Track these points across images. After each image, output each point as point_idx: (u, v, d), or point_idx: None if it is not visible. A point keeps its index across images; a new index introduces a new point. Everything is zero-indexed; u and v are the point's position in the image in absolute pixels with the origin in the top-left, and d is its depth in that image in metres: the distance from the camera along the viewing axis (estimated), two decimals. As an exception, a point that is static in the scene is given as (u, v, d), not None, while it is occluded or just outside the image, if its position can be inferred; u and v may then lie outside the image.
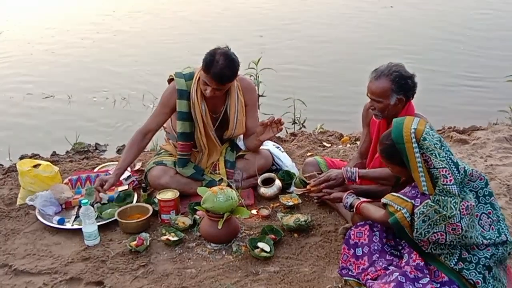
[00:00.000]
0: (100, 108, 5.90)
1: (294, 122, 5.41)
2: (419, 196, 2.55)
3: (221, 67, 3.25)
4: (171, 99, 3.51)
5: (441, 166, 2.47)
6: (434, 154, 2.48)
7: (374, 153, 3.19)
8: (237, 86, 3.56)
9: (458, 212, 2.45)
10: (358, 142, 4.44)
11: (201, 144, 3.59)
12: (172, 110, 3.53)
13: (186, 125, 3.53)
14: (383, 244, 2.77)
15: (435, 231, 2.50)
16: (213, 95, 3.38)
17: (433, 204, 2.47)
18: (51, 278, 2.86)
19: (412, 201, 2.55)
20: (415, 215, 2.52)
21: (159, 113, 3.56)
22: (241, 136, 3.79)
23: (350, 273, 2.78)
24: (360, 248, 2.78)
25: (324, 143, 4.65)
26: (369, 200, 2.96)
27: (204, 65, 3.29)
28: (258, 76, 5.58)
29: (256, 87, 3.86)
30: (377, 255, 2.73)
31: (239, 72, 3.46)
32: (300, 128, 5.29)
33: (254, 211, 3.43)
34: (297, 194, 3.49)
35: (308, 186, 3.23)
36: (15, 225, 3.35)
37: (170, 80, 3.59)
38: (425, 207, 2.49)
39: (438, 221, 2.47)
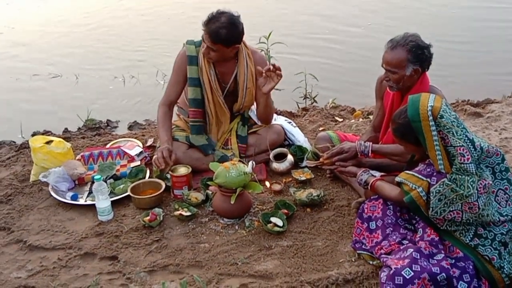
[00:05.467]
0: (109, 88, 5.86)
1: (305, 97, 5.36)
2: (435, 174, 2.51)
3: (219, 25, 3.25)
4: (182, 66, 3.51)
5: (458, 145, 2.42)
6: (451, 132, 2.43)
7: (387, 126, 3.15)
8: (247, 54, 3.53)
9: (476, 191, 2.42)
10: (370, 117, 4.40)
11: (209, 112, 3.58)
12: (185, 77, 3.52)
13: (197, 91, 3.52)
14: (397, 218, 2.75)
15: (451, 209, 2.47)
16: (208, 55, 3.38)
17: (449, 183, 2.44)
18: (66, 253, 2.88)
19: (428, 179, 2.51)
20: (431, 194, 2.49)
21: (175, 82, 3.57)
22: (254, 108, 3.77)
23: (363, 246, 2.77)
24: (374, 222, 2.77)
25: (336, 118, 4.61)
26: (383, 175, 2.94)
27: (206, 19, 3.30)
28: (269, 51, 5.52)
29: (268, 62, 3.82)
30: (391, 229, 2.71)
31: (250, 44, 3.43)
32: (312, 103, 5.25)
33: (267, 184, 3.43)
34: (309, 167, 3.48)
35: (321, 159, 3.21)
36: (29, 201, 3.37)
37: None
38: (441, 186, 2.46)
39: (454, 200, 2.44)
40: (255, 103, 3.70)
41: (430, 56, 2.91)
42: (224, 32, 3.26)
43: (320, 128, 4.28)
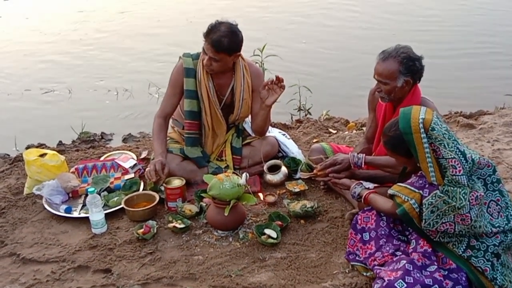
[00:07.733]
0: (106, 102, 5.85)
1: (299, 109, 5.39)
2: (427, 186, 2.52)
3: (220, 34, 3.28)
4: (178, 78, 3.53)
5: (450, 157, 2.43)
6: (443, 144, 2.44)
7: (380, 138, 3.16)
8: (244, 66, 3.56)
9: (468, 203, 2.42)
10: (364, 128, 4.42)
11: (205, 124, 3.59)
12: (182, 89, 3.54)
13: (193, 103, 3.54)
14: (390, 229, 2.76)
15: (443, 221, 2.47)
16: (210, 67, 3.39)
17: (442, 195, 2.45)
18: (59, 266, 2.87)
19: (420, 191, 2.52)
20: (424, 206, 2.49)
21: (171, 94, 3.59)
22: (249, 120, 3.78)
23: (357, 258, 2.77)
24: (367, 233, 2.77)
25: (330, 130, 4.63)
26: (376, 186, 2.95)
27: (206, 30, 3.32)
28: (263, 63, 5.55)
29: (264, 74, 3.87)
30: (384, 240, 2.72)
31: (246, 57, 3.46)
32: (306, 115, 5.27)
33: (261, 195, 3.44)
34: (303, 179, 3.48)
35: (314, 170, 3.21)
36: (23, 214, 3.36)
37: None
38: (433, 198, 2.46)
39: (447, 211, 2.45)
40: (250, 115, 3.72)
41: (421, 68, 2.93)
42: (226, 40, 3.29)
43: (314, 140, 4.30)
